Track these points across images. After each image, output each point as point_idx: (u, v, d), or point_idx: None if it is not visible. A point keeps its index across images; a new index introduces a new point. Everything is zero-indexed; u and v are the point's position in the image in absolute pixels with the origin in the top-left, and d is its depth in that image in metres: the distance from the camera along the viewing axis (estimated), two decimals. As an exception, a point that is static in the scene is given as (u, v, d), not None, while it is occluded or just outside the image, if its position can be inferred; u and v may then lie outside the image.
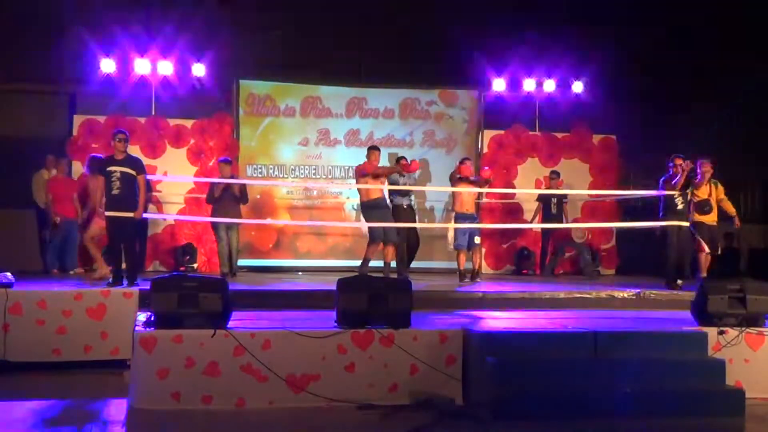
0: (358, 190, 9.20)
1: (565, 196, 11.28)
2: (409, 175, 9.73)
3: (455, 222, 9.34)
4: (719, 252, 9.50)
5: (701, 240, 9.18)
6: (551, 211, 11.08)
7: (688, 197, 8.92)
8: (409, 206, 9.65)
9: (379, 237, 8.82)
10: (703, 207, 9.17)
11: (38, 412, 5.04)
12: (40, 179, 10.19)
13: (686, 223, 8.81)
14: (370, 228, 8.97)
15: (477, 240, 9.35)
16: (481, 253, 10.34)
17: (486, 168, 10.06)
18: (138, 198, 7.60)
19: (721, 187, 9.34)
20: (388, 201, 9.32)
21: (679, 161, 8.73)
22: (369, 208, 8.98)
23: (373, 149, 9.20)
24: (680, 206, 8.78)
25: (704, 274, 9.16)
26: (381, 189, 9.01)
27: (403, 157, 10.02)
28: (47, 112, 11.31)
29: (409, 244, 9.88)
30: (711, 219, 9.27)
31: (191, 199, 11.15)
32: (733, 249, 12.25)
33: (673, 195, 8.76)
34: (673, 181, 8.72)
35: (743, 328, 5.71)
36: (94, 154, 9.18)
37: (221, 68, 11.42)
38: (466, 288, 8.65)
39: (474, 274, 9.36)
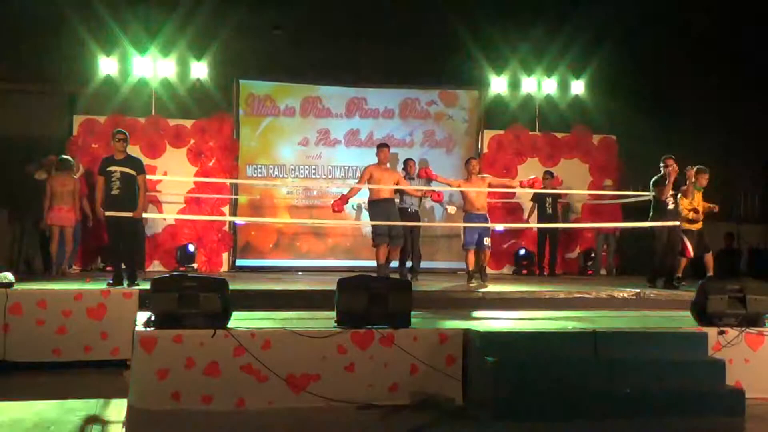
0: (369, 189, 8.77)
1: (559, 195, 11.32)
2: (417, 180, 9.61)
3: (465, 221, 9.03)
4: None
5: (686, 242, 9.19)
6: (546, 211, 11.18)
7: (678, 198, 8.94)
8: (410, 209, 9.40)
9: (384, 237, 8.44)
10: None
11: (38, 412, 5.03)
12: (40, 179, 10.16)
13: (677, 223, 8.82)
14: (373, 228, 8.61)
15: (486, 241, 8.89)
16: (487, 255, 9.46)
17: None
18: (138, 198, 7.60)
19: (701, 199, 9.32)
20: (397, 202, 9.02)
21: (670, 162, 8.76)
22: (375, 207, 8.67)
23: (380, 147, 8.76)
24: (671, 206, 8.79)
25: (679, 274, 9.15)
26: (391, 189, 8.69)
27: (410, 159, 9.97)
28: (47, 112, 11.30)
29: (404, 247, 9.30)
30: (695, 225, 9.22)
31: (191, 199, 11.15)
32: (733, 249, 12.27)
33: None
34: (665, 182, 8.72)
35: (743, 328, 5.69)
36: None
37: (221, 68, 11.45)
38: (466, 288, 8.58)
39: (482, 277, 8.87)
